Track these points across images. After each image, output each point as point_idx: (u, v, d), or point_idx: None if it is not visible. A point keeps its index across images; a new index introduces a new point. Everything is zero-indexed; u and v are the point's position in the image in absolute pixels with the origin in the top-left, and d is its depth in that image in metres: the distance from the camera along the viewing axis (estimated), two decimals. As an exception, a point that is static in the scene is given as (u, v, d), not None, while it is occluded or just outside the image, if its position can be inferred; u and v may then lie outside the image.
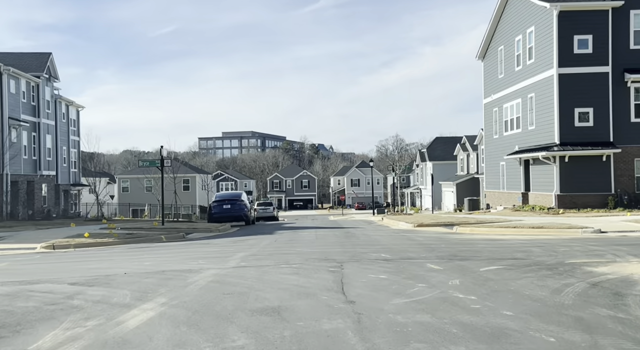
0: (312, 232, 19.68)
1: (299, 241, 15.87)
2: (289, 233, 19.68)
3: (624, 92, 25.99)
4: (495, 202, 35.15)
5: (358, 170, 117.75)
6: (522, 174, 30.88)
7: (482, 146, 49.89)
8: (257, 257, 11.74)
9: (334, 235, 17.80)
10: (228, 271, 9.67)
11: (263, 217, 48.29)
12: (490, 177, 36.76)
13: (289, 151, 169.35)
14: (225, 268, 10.12)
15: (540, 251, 11.80)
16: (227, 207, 26.26)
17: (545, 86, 27.42)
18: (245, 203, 26.71)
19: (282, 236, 18.20)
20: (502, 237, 16.24)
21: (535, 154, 27.60)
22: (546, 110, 27.46)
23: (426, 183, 71.88)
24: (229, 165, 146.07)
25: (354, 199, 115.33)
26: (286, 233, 19.78)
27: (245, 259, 11.42)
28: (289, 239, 16.84)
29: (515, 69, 31.52)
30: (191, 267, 10.34)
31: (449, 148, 68.69)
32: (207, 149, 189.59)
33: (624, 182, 26.06)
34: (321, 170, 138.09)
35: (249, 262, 10.98)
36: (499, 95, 34.26)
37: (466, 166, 59.89)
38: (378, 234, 18.51)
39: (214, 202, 26.58)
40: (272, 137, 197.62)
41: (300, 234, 18.84)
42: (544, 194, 27.77)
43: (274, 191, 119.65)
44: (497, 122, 34.95)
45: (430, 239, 15.61)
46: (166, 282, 8.71)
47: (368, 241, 15.27)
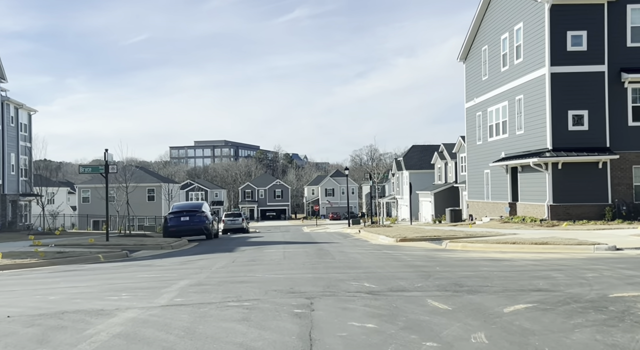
0: (280, 249, 16.91)
1: (262, 262, 13.09)
2: (253, 250, 16.88)
3: (620, 93, 23.97)
4: (479, 213, 32.87)
5: (332, 180, 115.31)
6: (509, 183, 28.65)
7: (461, 154, 47.86)
8: (201, 288, 8.94)
9: (305, 254, 15.06)
10: (152, 314, 6.86)
11: (231, 229, 45.29)
12: (473, 186, 34.52)
13: (262, 160, 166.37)
14: (151, 308, 7.30)
15: (564, 278, 9.28)
16: (185, 219, 23.32)
17: (536, 87, 25.27)
18: (207, 214, 23.79)
19: (243, 254, 15.38)
20: (503, 255, 13.73)
21: (525, 160, 25.36)
22: (537, 113, 25.29)
23: (402, 192, 69.69)
24: (200, 175, 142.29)
25: (328, 209, 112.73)
26: (249, 250, 16.97)
27: (184, 292, 8.60)
28: (250, 258, 14.04)
29: (501, 69, 29.39)
30: (105, 306, 7.50)
31: (426, 156, 66.69)
32: (179, 158, 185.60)
33: (621, 191, 23.96)
34: (295, 180, 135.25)
35: (187, 296, 8.18)
36: (483, 98, 32.11)
37: (444, 175, 57.86)
38: (357, 251, 15.84)
39: (170, 214, 23.61)
40: (245, 147, 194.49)
41: (265, 252, 16.05)
42: (535, 204, 25.52)
43: (246, 201, 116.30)
44: (481, 128, 32.77)
45: (419, 258, 13.00)
46: (52, 335, 5.89)
47: (346, 262, 12.58)
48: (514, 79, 27.66)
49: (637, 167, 24.04)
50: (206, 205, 24.95)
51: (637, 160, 23.97)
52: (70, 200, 79.22)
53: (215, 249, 18.19)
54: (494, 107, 30.56)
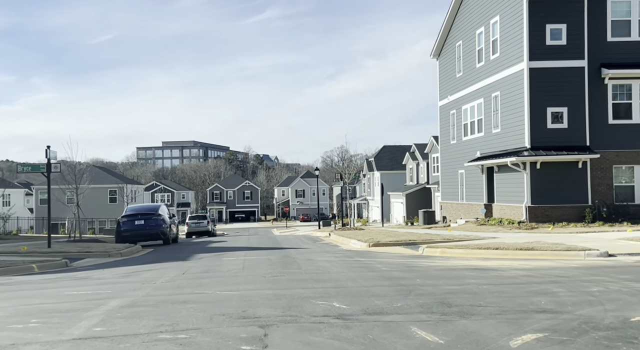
0: (241, 257, 15.26)
1: (217, 273, 11.44)
2: (211, 258, 15.18)
3: (601, 90, 23.05)
4: (453, 215, 31.73)
5: (303, 181, 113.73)
6: (485, 183, 27.55)
7: (434, 154, 46.88)
8: (133, 312, 7.26)
9: (267, 262, 13.46)
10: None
11: (196, 232, 43.31)
12: (447, 187, 33.39)
13: (232, 162, 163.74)
14: (57, 343, 5.63)
15: (567, 293, 7.92)
16: (139, 223, 21.43)
17: (514, 83, 24.18)
18: (164, 217, 21.93)
19: (198, 264, 13.69)
20: (488, 263, 12.38)
21: (502, 160, 24.25)
22: (514, 110, 24.20)
23: (374, 194, 68.57)
24: (167, 176, 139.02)
25: (298, 211, 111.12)
26: (207, 258, 15.27)
27: (109, 317, 6.92)
28: (205, 269, 12.37)
29: (477, 65, 28.28)
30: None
31: (398, 157, 65.70)
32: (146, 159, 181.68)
33: (601, 192, 23.03)
34: (265, 181, 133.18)
35: (111, 324, 6.50)
36: (457, 95, 30.99)
37: (416, 176, 56.88)
38: (326, 258, 14.31)
39: (124, 218, 21.68)
40: (215, 147, 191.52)
41: (224, 260, 14.39)
42: (512, 205, 24.42)
43: (214, 202, 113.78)
44: (455, 126, 31.65)
45: (396, 268, 11.53)
46: None
47: (313, 273, 11.02)
48: (490, 75, 26.57)
49: (618, 166, 23.16)
50: (164, 208, 23.09)
51: (618, 160, 23.09)
52: (29, 202, 75.73)
53: (169, 256, 16.42)
54: (468, 104, 29.45)
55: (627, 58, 22.85)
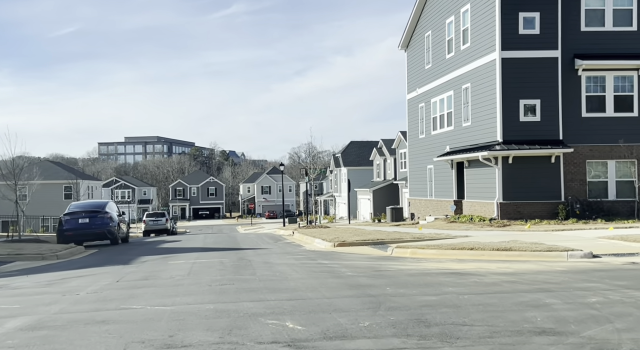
0: (192, 259, 13.70)
1: (157, 281, 9.89)
2: (156, 262, 13.58)
3: (574, 82, 22.23)
4: (421, 212, 30.71)
5: (269, 177, 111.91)
6: (455, 179, 26.55)
7: (401, 150, 45.94)
8: (26, 339, 5.71)
9: (219, 266, 11.96)
10: None
11: (153, 230, 41.31)
12: (415, 183, 32.35)
13: (197, 158, 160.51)
14: None
15: (563, 306, 6.71)
16: (84, 221, 19.60)
17: (485, 74, 23.18)
18: (111, 215, 20.12)
19: (139, 269, 12.08)
20: (464, 266, 11.17)
21: (472, 154, 23.24)
22: (486, 102, 23.21)
23: (340, 190, 67.43)
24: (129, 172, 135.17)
25: (264, 207, 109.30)
26: (152, 262, 13.66)
27: (-7, 348, 5.35)
28: (144, 275, 10.79)
29: (446, 56, 27.23)
30: None
31: (365, 153, 64.69)
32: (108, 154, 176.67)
33: (574, 188, 22.23)
34: (231, 178, 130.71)
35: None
36: (426, 88, 29.93)
37: (383, 172, 55.95)
38: (286, 261, 12.89)
39: (66, 216, 19.79)
40: (180, 143, 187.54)
41: (170, 264, 12.81)
42: (483, 201, 23.46)
43: (177, 199, 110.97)
44: (424, 120, 30.60)
45: (363, 272, 10.20)
46: None
47: (268, 279, 9.60)
48: (461, 66, 25.54)
49: (591, 161, 22.40)
50: (112, 205, 21.27)
51: (591, 155, 22.33)
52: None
53: (111, 259, 14.72)
54: (438, 97, 28.41)
55: (601, 49, 22.09)
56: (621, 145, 21.96)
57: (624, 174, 22.45)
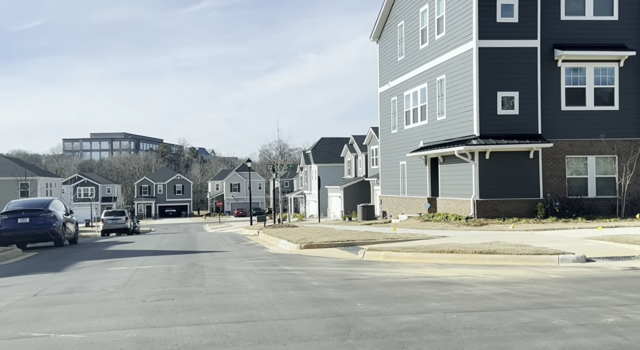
0: (136, 265, 12.05)
1: (81, 296, 8.26)
2: (94, 268, 11.88)
3: (554, 73, 21.22)
4: (394, 210, 29.48)
5: (238, 174, 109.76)
6: (429, 176, 25.37)
7: (373, 146, 44.76)
8: None
9: (164, 274, 10.36)
10: None
11: (112, 229, 39.21)
12: (387, 180, 31.12)
13: (165, 155, 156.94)
14: None
15: (577, 330, 5.38)
16: (24, 221, 17.68)
17: (461, 64, 22.00)
18: (55, 214, 18.23)
19: (69, 278, 10.39)
20: (445, 272, 9.85)
21: (447, 149, 22.06)
22: (462, 95, 22.04)
23: (311, 187, 66.04)
24: (93, 169, 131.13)
25: (233, 205, 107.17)
26: (89, 268, 11.96)
27: None
28: (70, 287, 9.14)
29: (420, 47, 26.01)
30: None
31: (336, 149, 63.40)
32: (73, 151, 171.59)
33: (553, 185, 21.24)
34: (199, 175, 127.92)
35: None
36: (399, 81, 28.68)
37: (354, 169, 54.73)
38: (244, 267, 11.37)
39: (4, 215, 17.83)
40: (147, 140, 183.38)
41: (108, 272, 11.15)
42: (458, 199, 22.31)
43: (143, 197, 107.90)
44: (396, 114, 29.36)
45: (331, 282, 8.77)
46: None
47: (217, 293, 8.08)
48: (435, 57, 24.34)
49: (571, 157, 21.44)
50: (57, 203, 19.35)
51: (571, 150, 21.37)
52: None
53: (44, 265, 12.94)
54: (411, 90, 27.18)
55: (581, 39, 21.13)
56: (602, 140, 21.05)
57: (604, 170, 21.56)
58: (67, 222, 19.59)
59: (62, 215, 19.10)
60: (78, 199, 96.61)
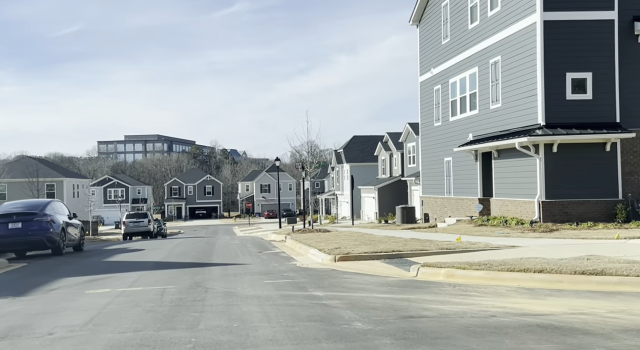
0: (124, 286, 9.37)
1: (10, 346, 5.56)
2: (71, 290, 9.25)
3: (634, 50, 17.86)
4: (437, 212, 26.34)
5: (268, 175, 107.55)
6: (480, 173, 22.21)
7: (409, 143, 41.65)
8: None
9: (151, 304, 7.63)
10: None
11: (134, 232, 36.99)
12: (430, 179, 27.99)
13: (197, 156, 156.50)
14: None
15: None
16: (15, 226, 15.27)
17: (521, 43, 18.81)
18: (52, 218, 15.78)
19: (26, 306, 7.76)
20: (547, 307, 6.87)
21: (505, 141, 18.89)
22: (522, 78, 18.84)
23: (343, 188, 63.17)
24: (126, 170, 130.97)
25: (264, 206, 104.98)
26: (63, 290, 9.32)
27: None
28: (9, 326, 6.49)
29: (469, 26, 22.86)
30: None
31: (369, 148, 60.36)
32: (107, 153, 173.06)
33: (635, 183, 17.86)
34: (230, 176, 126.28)
35: None
36: (443, 67, 25.56)
37: (389, 168, 51.61)
38: (260, 290, 8.58)
39: (-7, 219, 15.51)
40: (180, 142, 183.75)
41: (84, 296, 8.49)
42: (518, 200, 19.11)
43: (173, 198, 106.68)
44: (440, 105, 26.23)
45: (382, 321, 5.91)
46: None
47: (212, 345, 5.28)
48: (487, 37, 21.17)
49: (656, 149, 18.03)
50: (56, 205, 16.93)
51: (656, 141, 17.96)
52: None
53: (13, 284, 10.36)
54: (458, 77, 24.03)
55: (669, 8, 17.70)
56: (695, 128, 17.60)
57: (697, 165, 18.07)
58: (69, 227, 17.15)
59: (63, 219, 16.66)
60: (108, 200, 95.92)
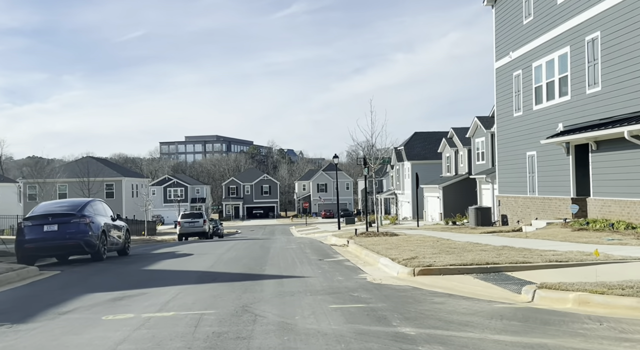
0: (149, 312, 7.38)
1: None
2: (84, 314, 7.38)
3: None
4: (518, 214, 23.39)
5: (325, 174, 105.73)
6: (572, 169, 19.21)
7: (479, 138, 38.52)
8: None
9: (177, 342, 5.54)
10: None
11: (189, 233, 35.75)
12: (508, 176, 25.04)
13: (254, 156, 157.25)
14: None
15: None
16: (51, 229, 13.75)
17: (628, 13, 15.78)
18: (92, 220, 14.15)
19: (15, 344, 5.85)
20: None
21: (609, 131, 15.91)
22: (629, 55, 15.81)
23: (403, 187, 60.38)
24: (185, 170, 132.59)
25: (320, 206, 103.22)
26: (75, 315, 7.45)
27: None
28: None
29: (558, 0, 19.88)
30: None
31: (431, 145, 57.26)
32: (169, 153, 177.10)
33: None
34: (287, 175, 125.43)
35: None
36: (525, 49, 22.61)
37: (454, 165, 48.47)
38: (324, 322, 6.39)
39: (27, 221, 13.97)
40: (238, 142, 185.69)
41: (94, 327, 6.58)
42: (625, 200, 16.08)
43: (230, 198, 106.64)
44: (521, 93, 23.27)
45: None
46: None
47: None
48: (583, 11, 18.18)
49: None
50: (97, 205, 15.33)
51: None
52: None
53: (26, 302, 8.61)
54: (543, 59, 21.06)
55: None
56: None
57: None
58: (112, 229, 15.54)
59: (104, 221, 15.07)
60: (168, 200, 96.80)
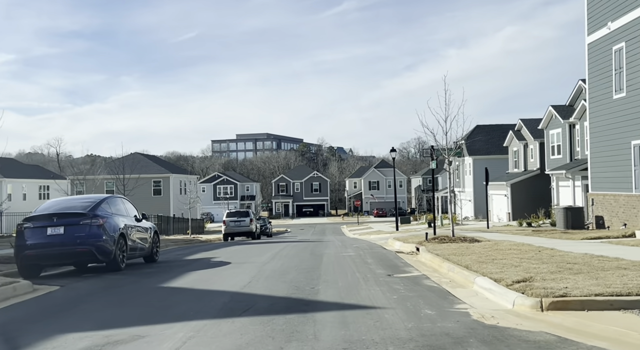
0: None
1: None
2: None
3: None
4: (620, 215, 19.50)
5: (377, 171, 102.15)
6: (701, 159, 15.28)
7: (553, 130, 34.33)
8: None
9: None
10: None
11: (235, 232, 33.22)
12: (603, 171, 21.12)
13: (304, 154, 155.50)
14: None
15: None
16: (55, 232, 11.18)
17: None
18: (107, 221, 11.50)
19: None
20: None
21: None
22: None
23: (464, 184, 56.27)
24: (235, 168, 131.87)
25: (372, 204, 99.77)
26: None
27: None
28: None
29: (682, -50, 15.96)
30: None
31: (495, 139, 52.90)
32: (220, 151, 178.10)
33: None
34: (337, 173, 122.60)
35: None
36: (628, 18, 18.71)
37: (522, 160, 44.20)
38: None
39: (28, 222, 11.44)
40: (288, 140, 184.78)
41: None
42: None
43: (280, 195, 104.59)
44: (623, 70, 19.37)
45: None
46: None
47: None
48: None
49: None
50: (115, 202, 12.66)
51: None
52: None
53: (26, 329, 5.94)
54: (657, 26, 17.15)
55: None
56: None
57: None
58: (135, 232, 12.90)
59: (125, 222, 12.44)
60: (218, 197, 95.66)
